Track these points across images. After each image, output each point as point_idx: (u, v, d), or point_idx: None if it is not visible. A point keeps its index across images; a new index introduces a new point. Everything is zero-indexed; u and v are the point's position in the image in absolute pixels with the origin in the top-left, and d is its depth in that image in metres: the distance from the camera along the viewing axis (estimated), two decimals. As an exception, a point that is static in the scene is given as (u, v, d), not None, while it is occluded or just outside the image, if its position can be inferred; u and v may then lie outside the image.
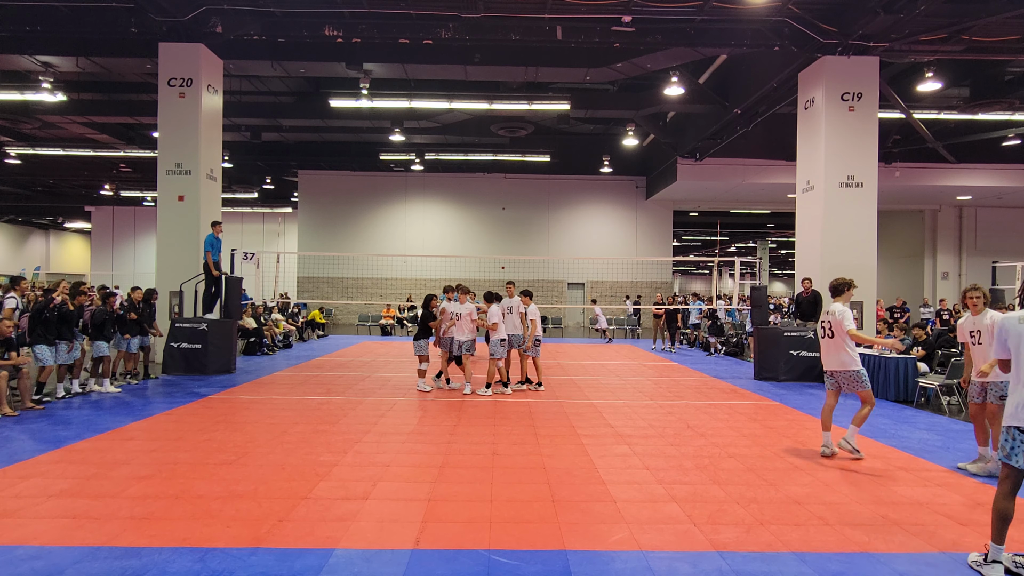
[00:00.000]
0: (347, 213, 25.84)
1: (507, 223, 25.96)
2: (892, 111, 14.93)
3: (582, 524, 4.23)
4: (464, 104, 16.84)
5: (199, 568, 3.49)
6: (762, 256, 38.34)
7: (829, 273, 11.72)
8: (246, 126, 19.68)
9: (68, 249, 40.87)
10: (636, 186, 25.88)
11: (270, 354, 14.53)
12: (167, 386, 9.72)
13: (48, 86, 14.06)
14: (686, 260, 53.90)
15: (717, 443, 6.54)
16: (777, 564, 3.67)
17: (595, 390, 10.01)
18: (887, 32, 11.05)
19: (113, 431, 6.67)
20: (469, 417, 7.69)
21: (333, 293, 25.11)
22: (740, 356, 15.76)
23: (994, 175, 20.18)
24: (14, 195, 29.20)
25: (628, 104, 17.50)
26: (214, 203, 12.87)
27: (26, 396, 7.75)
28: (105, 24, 11.81)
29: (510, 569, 3.56)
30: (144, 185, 26.66)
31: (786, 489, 5.03)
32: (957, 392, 8.74)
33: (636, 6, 10.99)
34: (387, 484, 5.02)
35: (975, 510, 4.62)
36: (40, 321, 8.05)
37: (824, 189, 11.78)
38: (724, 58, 14.99)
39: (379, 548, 3.81)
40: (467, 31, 11.66)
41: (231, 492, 4.73)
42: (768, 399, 9.37)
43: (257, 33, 11.97)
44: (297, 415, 7.64)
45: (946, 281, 24.21)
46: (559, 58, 13.95)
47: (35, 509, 4.34)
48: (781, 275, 57.32)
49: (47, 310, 8.13)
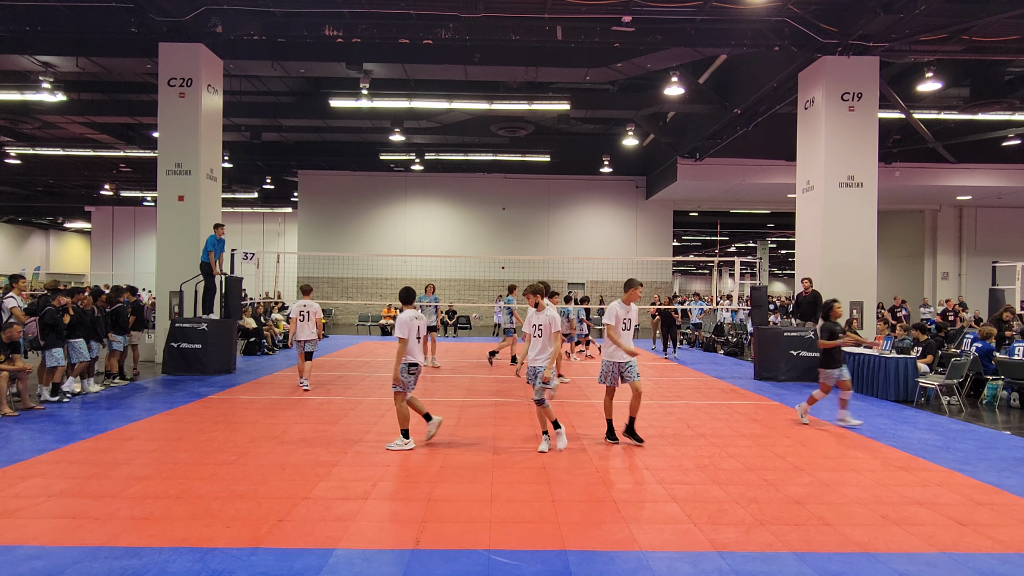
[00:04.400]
0: (347, 213, 25.83)
1: (507, 223, 25.95)
2: (892, 111, 14.93)
3: (582, 524, 4.23)
4: (464, 104, 16.83)
5: (199, 568, 3.49)
6: (762, 256, 38.31)
7: (829, 273, 11.74)
8: (246, 126, 19.66)
9: (68, 249, 40.86)
10: (636, 186, 25.87)
11: (270, 354, 14.54)
12: (167, 386, 9.72)
13: (48, 86, 14.05)
14: (686, 260, 53.88)
15: (717, 443, 6.54)
16: (777, 564, 3.67)
17: (595, 390, 10.00)
18: (887, 32, 11.05)
19: (113, 431, 6.67)
20: (469, 417, 7.69)
21: (333, 293, 25.10)
22: (740, 356, 15.76)
23: (994, 175, 20.18)
24: (14, 195, 29.20)
25: (628, 104, 17.50)
26: (214, 203, 12.87)
27: (26, 396, 7.75)
28: (105, 24, 11.81)
29: (510, 569, 3.56)
30: (144, 185, 26.64)
31: (786, 489, 5.03)
32: (957, 392, 8.73)
33: (636, 6, 10.99)
34: (387, 484, 5.01)
35: (975, 510, 4.62)
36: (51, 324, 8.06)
37: (824, 189, 11.78)
38: (724, 58, 14.98)
39: (379, 548, 3.81)
40: (467, 31, 11.66)
41: (231, 492, 4.73)
42: (768, 399, 9.37)
43: (257, 33, 11.97)
44: (297, 415, 7.63)
45: (946, 281, 24.20)
46: (559, 58, 13.95)
47: (35, 509, 4.34)
48: (781, 275, 57.30)
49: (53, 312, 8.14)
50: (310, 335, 9.63)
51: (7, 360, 7.55)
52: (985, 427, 7.57)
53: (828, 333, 7.30)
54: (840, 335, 7.30)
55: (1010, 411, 8.74)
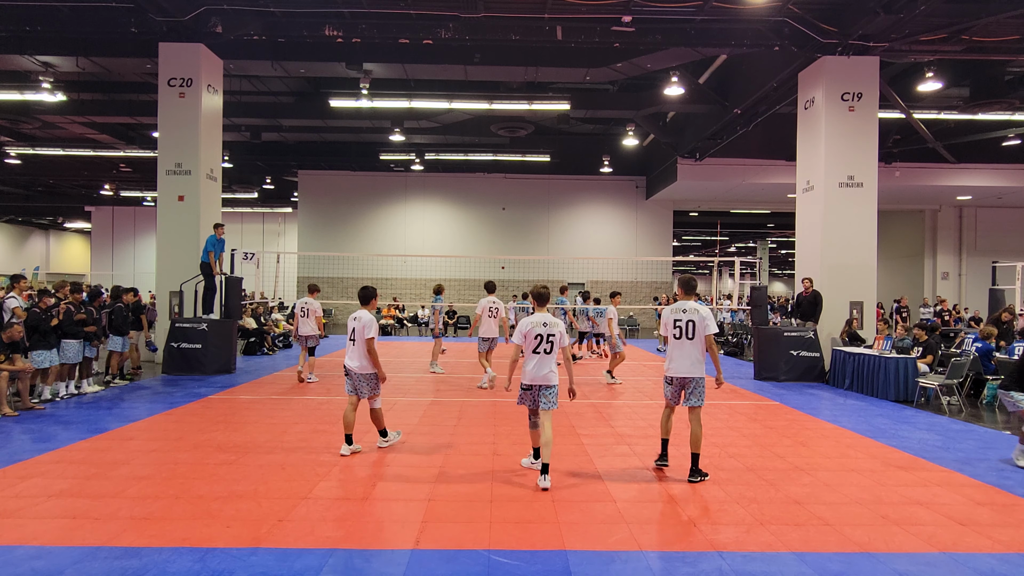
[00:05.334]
0: (347, 213, 25.83)
1: (507, 223, 25.95)
2: (892, 111, 14.92)
3: (582, 524, 4.23)
4: (464, 104, 16.83)
5: (199, 568, 3.49)
6: (762, 256, 38.30)
7: (829, 273, 11.74)
8: (246, 126, 19.66)
9: (68, 249, 40.85)
10: (636, 186, 25.87)
11: (270, 354, 14.54)
12: (167, 386, 9.72)
13: (48, 86, 14.05)
14: (686, 260, 53.87)
15: (717, 443, 6.54)
16: (777, 564, 3.67)
17: (595, 390, 10.00)
18: (887, 32, 11.04)
19: (113, 431, 6.67)
20: (469, 417, 7.69)
21: (333, 293, 25.09)
22: (740, 356, 15.75)
23: (994, 175, 20.17)
24: (14, 195, 29.17)
25: (628, 104, 17.49)
26: (214, 203, 12.86)
27: (26, 396, 7.75)
28: (105, 24, 11.81)
29: (510, 569, 3.56)
30: (144, 185, 26.63)
31: (786, 489, 5.03)
32: (957, 392, 8.73)
33: (636, 6, 10.99)
34: (387, 484, 5.01)
35: (975, 510, 4.62)
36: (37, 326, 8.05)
37: (824, 189, 11.78)
38: (724, 58, 14.99)
39: (379, 548, 3.81)
40: (467, 31, 11.66)
41: (231, 492, 4.73)
42: (768, 399, 9.37)
43: (257, 33, 11.96)
44: (297, 415, 7.63)
45: (946, 281, 24.20)
46: (559, 58, 13.95)
47: (35, 509, 4.34)
48: (781, 275, 57.29)
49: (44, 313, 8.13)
50: (310, 331, 10.23)
51: (7, 360, 7.55)
52: (985, 427, 7.57)
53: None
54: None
55: (1010, 411, 8.73)
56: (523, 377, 5.17)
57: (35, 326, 8.08)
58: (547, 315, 5.23)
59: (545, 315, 5.22)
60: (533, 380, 5.09)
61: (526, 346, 5.13)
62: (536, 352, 5.09)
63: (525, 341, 5.13)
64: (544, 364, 5.09)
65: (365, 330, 5.72)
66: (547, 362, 5.10)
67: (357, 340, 5.76)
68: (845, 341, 11.28)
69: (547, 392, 5.10)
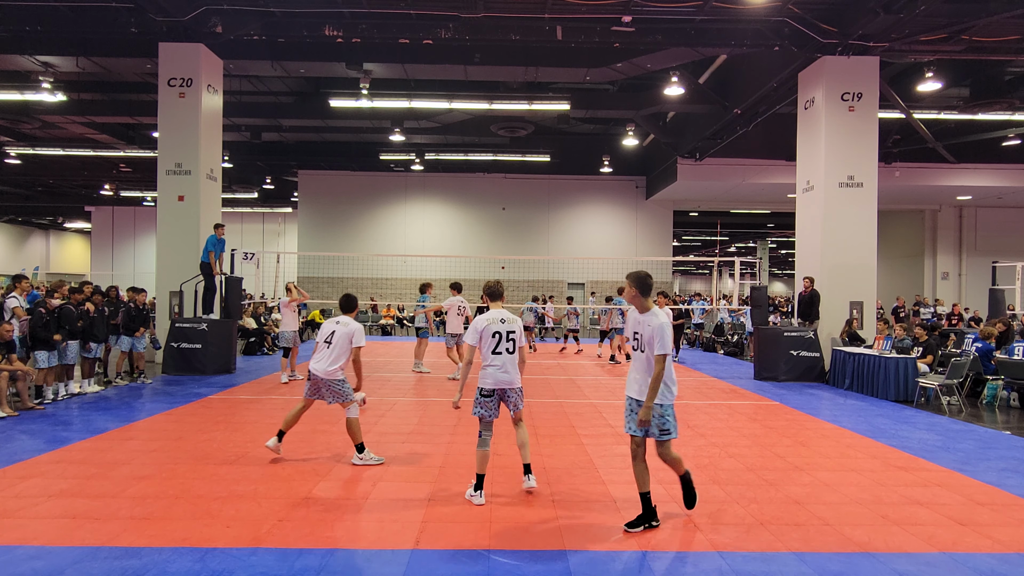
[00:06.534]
0: (347, 213, 25.82)
1: (507, 223, 25.94)
2: (892, 111, 14.92)
3: (582, 524, 4.23)
4: (464, 104, 16.83)
5: (199, 568, 3.49)
6: (762, 256, 38.30)
7: (829, 273, 11.74)
8: (246, 126, 19.66)
9: (68, 249, 40.84)
10: (636, 186, 25.86)
11: (270, 354, 14.53)
12: (167, 386, 9.72)
13: (48, 86, 14.05)
14: (686, 260, 53.88)
15: (717, 443, 6.54)
16: (777, 564, 3.67)
17: (595, 390, 10.00)
18: (887, 32, 11.04)
19: (113, 431, 6.67)
20: (469, 417, 7.67)
21: (333, 293, 25.07)
22: (740, 356, 15.75)
23: (994, 175, 20.16)
24: (14, 195, 29.17)
25: (628, 104, 17.49)
26: (214, 203, 12.87)
27: (25, 396, 7.74)
28: (105, 24, 11.81)
29: (510, 569, 3.56)
30: (144, 185, 26.63)
31: (786, 489, 5.03)
32: (957, 392, 8.73)
33: (636, 6, 10.99)
34: (387, 484, 5.01)
35: (975, 510, 4.62)
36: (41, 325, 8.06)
37: (824, 189, 11.78)
38: (724, 58, 14.98)
39: (379, 548, 3.81)
40: (467, 31, 11.66)
41: (231, 492, 4.73)
42: (768, 399, 9.37)
43: (257, 33, 11.96)
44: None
45: (946, 281, 24.20)
46: (559, 58, 13.95)
47: (35, 509, 4.34)
48: (781, 275, 57.29)
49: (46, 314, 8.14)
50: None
51: (4, 360, 7.55)
52: (985, 427, 7.57)
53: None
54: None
55: (1010, 411, 8.74)
56: (483, 381, 4.71)
57: (39, 326, 8.08)
58: (504, 311, 4.81)
59: (502, 311, 4.80)
60: (498, 384, 4.67)
61: (483, 346, 4.69)
62: (497, 352, 4.67)
63: (481, 341, 4.69)
64: (509, 366, 4.70)
65: (353, 338, 5.48)
66: (511, 363, 4.71)
67: (335, 345, 5.47)
68: (845, 341, 11.28)
69: (515, 393, 4.77)
